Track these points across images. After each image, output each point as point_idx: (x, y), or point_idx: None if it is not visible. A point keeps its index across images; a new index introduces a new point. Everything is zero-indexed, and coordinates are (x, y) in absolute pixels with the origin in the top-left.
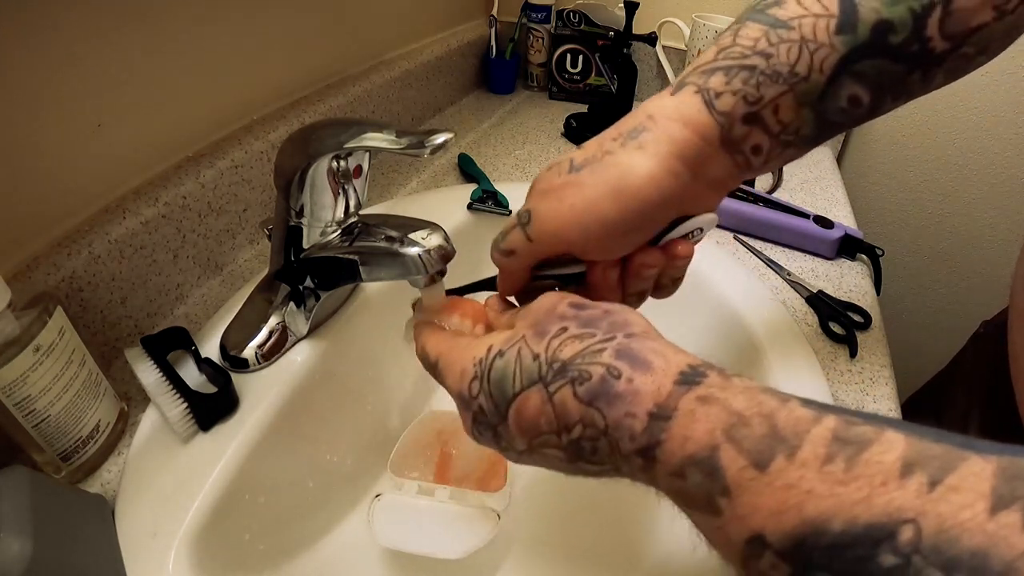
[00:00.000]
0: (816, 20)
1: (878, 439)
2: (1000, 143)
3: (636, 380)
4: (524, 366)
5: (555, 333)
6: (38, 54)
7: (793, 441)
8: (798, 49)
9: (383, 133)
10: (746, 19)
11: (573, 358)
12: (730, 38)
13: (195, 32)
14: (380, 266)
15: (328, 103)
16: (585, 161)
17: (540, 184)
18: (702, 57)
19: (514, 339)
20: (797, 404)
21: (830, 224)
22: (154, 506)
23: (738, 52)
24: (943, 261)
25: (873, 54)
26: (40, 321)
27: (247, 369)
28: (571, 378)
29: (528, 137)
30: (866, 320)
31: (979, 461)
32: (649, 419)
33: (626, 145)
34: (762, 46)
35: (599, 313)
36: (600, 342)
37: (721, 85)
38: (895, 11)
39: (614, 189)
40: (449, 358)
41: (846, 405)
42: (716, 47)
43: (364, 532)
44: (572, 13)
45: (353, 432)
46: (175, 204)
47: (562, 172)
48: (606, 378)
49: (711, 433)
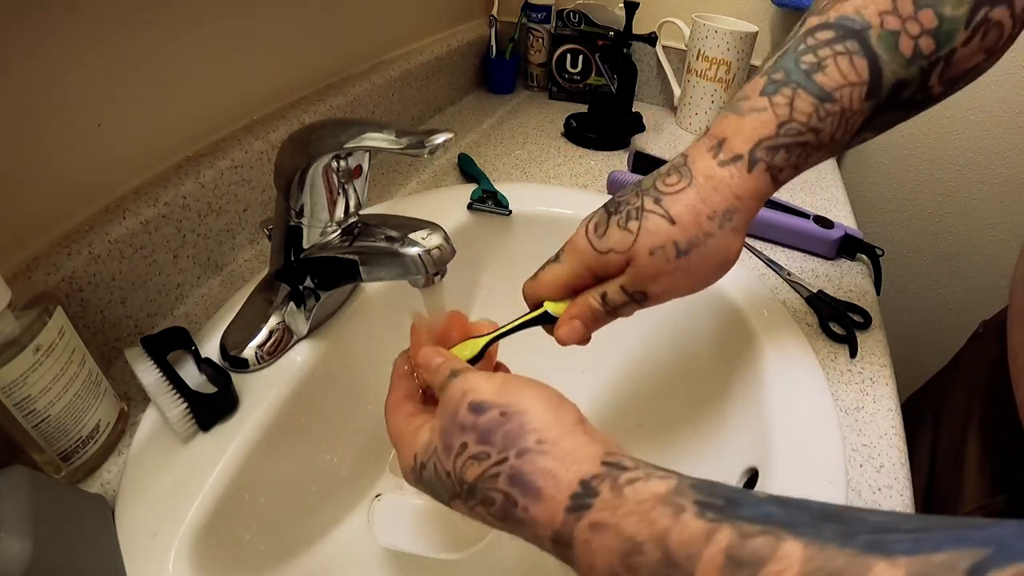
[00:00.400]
0: (852, 89)
1: (773, 556)
2: (1000, 143)
3: (531, 509)
4: (443, 482)
5: (457, 451)
6: (38, 54)
7: (687, 567)
8: (839, 120)
9: (383, 133)
10: (793, 81)
11: (476, 482)
12: (786, 109)
13: (195, 32)
14: (380, 266)
15: (328, 103)
16: (691, 243)
17: (646, 270)
18: (763, 119)
19: (429, 450)
20: (691, 516)
21: (830, 224)
22: (154, 506)
23: (795, 130)
24: (943, 261)
25: (889, 109)
26: (40, 321)
27: (247, 369)
28: (480, 500)
29: (528, 137)
30: (866, 320)
31: (886, 570)
32: (553, 544)
33: (723, 228)
34: (813, 123)
35: (496, 419)
36: (494, 465)
37: (783, 162)
38: (910, 71)
39: (720, 267)
40: (396, 445)
41: (846, 405)
42: (775, 116)
43: (364, 532)
44: (572, 13)
45: (353, 432)
46: (175, 204)
47: (670, 258)
48: (507, 505)
49: (610, 563)
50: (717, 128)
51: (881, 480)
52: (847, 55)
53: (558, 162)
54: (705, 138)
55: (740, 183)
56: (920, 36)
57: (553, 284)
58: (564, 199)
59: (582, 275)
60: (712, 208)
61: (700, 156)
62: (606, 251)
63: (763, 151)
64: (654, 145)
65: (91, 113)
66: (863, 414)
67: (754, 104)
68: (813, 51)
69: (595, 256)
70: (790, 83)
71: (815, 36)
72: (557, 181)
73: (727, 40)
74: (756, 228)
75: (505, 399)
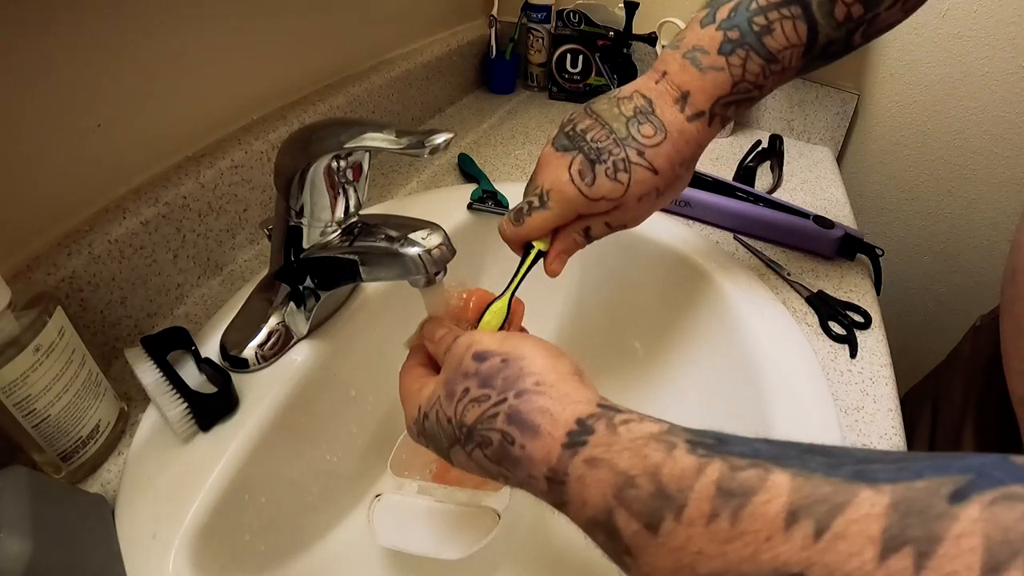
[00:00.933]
0: (793, 51)
1: (762, 486)
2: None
3: (528, 446)
4: (444, 429)
5: (459, 396)
6: (38, 54)
7: (679, 499)
8: (779, 78)
9: (383, 133)
10: (746, 44)
11: (475, 424)
12: (740, 70)
13: (195, 32)
14: (380, 266)
15: (328, 103)
16: (668, 186)
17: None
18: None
19: (433, 399)
20: (683, 452)
21: (830, 224)
22: (154, 506)
23: (745, 88)
24: (943, 261)
25: (817, 60)
26: (40, 321)
27: (247, 369)
28: (477, 442)
29: (528, 137)
30: (866, 320)
31: (871, 496)
32: (548, 483)
33: (689, 170)
34: (759, 81)
35: (496, 365)
36: (494, 405)
37: (732, 115)
38: (838, 33)
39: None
40: (404, 402)
41: (846, 405)
42: (730, 77)
43: (364, 532)
44: (572, 13)
45: (353, 432)
46: (175, 204)
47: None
48: (503, 444)
49: (604, 497)
50: (679, 78)
51: None
52: (791, 19)
53: None
54: (667, 84)
55: (703, 135)
56: (853, 4)
57: (543, 228)
58: None
59: (569, 218)
60: (683, 157)
61: (667, 106)
62: (597, 199)
63: (720, 107)
64: None
65: (91, 113)
66: (863, 414)
67: (713, 62)
68: (763, 13)
69: (586, 203)
70: (744, 44)
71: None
72: None
73: None
74: (756, 228)
75: (507, 348)
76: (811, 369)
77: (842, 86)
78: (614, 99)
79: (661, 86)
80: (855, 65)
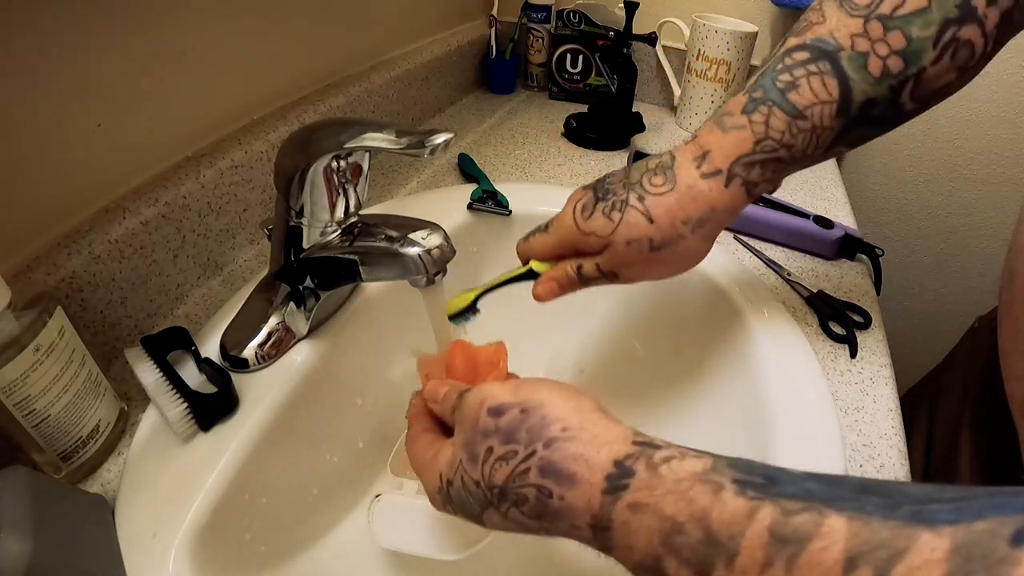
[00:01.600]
0: (823, 107)
1: (817, 532)
2: (1000, 143)
3: (567, 496)
4: (473, 494)
5: (483, 456)
6: (38, 54)
7: (730, 546)
8: (810, 136)
9: (383, 133)
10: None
11: (506, 483)
12: (762, 127)
13: (195, 32)
14: (380, 266)
15: (328, 103)
16: (664, 242)
17: (621, 257)
18: (742, 137)
19: (454, 465)
20: (731, 494)
21: (830, 224)
22: (154, 506)
23: (770, 146)
24: (943, 261)
25: (859, 125)
26: (40, 321)
27: (247, 369)
28: (512, 501)
29: (528, 137)
30: (866, 320)
31: (931, 540)
32: (592, 530)
33: (695, 233)
34: (786, 139)
35: (516, 418)
36: (523, 461)
37: (758, 177)
38: (878, 89)
39: (685, 266)
40: (420, 473)
41: (846, 405)
42: (752, 134)
43: (364, 532)
44: (572, 13)
45: (353, 432)
46: (175, 204)
47: (643, 250)
48: (540, 498)
49: (651, 543)
50: (704, 138)
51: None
52: (819, 75)
53: (558, 162)
54: (693, 145)
55: (717, 196)
56: (888, 56)
57: (540, 249)
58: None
59: (564, 248)
60: (687, 215)
61: (685, 163)
62: (588, 233)
63: (740, 167)
64: (654, 145)
65: (91, 113)
66: (863, 414)
67: (736, 122)
68: (789, 71)
69: (578, 235)
70: (767, 101)
71: (792, 56)
72: (557, 181)
73: (727, 40)
74: (756, 228)
75: (521, 396)
76: (811, 369)
77: None
78: (651, 157)
79: (688, 146)
80: None
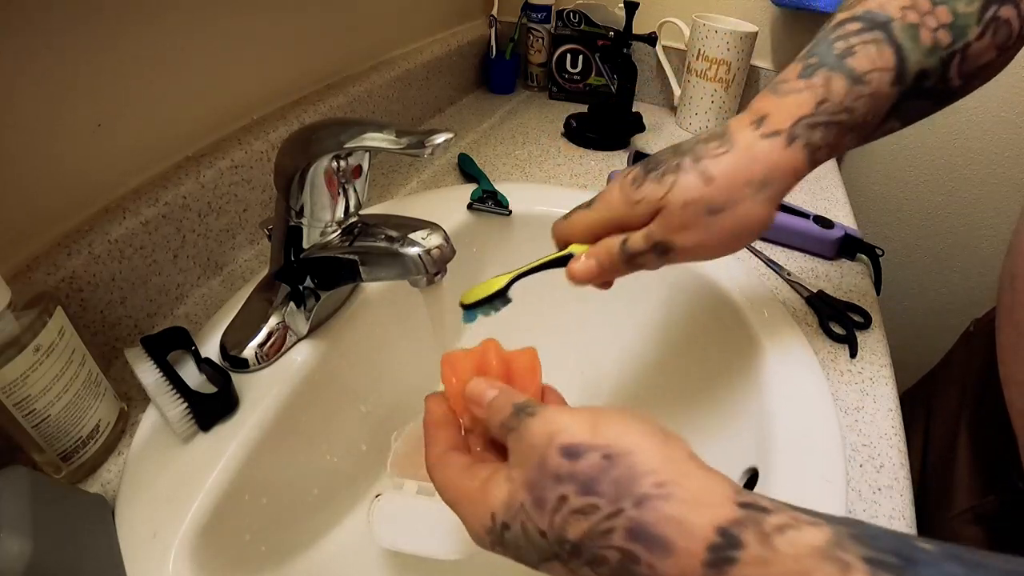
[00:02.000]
0: (881, 74)
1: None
2: (1000, 143)
3: (658, 567)
4: (535, 543)
5: (554, 506)
6: (38, 54)
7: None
8: (869, 103)
9: (383, 133)
10: (826, 65)
11: (582, 540)
12: (823, 90)
13: (195, 32)
14: (380, 266)
15: (328, 103)
16: (725, 204)
17: (675, 220)
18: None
19: (514, 507)
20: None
21: (830, 224)
22: (154, 506)
23: (831, 109)
24: (943, 261)
25: (913, 97)
26: (40, 321)
27: (247, 369)
28: (587, 560)
29: (528, 137)
30: (866, 320)
31: None
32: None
33: (757, 196)
34: (848, 103)
35: (598, 465)
36: (607, 519)
37: (820, 141)
38: (930, 61)
39: (746, 234)
40: (456, 504)
41: (846, 405)
42: (813, 96)
43: (364, 532)
44: (572, 13)
45: (353, 432)
46: (175, 204)
47: (700, 213)
48: (625, 563)
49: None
50: (757, 105)
51: (881, 480)
52: (874, 43)
53: (558, 162)
54: (746, 114)
55: (779, 156)
56: (937, 29)
57: (580, 228)
58: (564, 199)
59: (608, 225)
60: (749, 175)
61: (741, 128)
62: (638, 200)
63: (802, 128)
64: (654, 145)
65: (91, 113)
66: (863, 414)
67: (793, 86)
68: (844, 39)
69: (625, 205)
70: (824, 66)
71: (844, 28)
72: (557, 181)
73: (727, 40)
74: None
75: (603, 438)
76: (811, 369)
77: None
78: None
79: (741, 116)
80: None
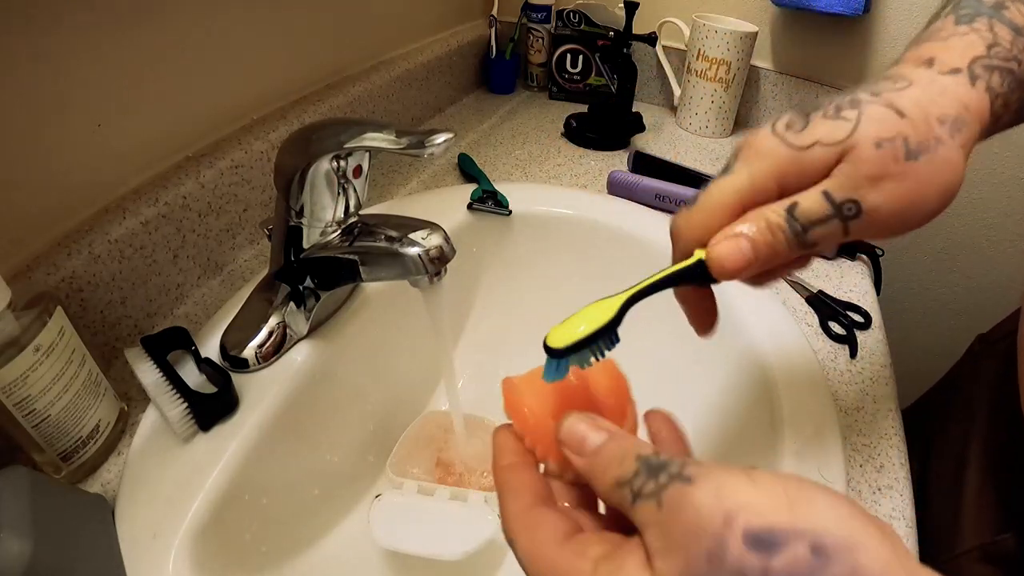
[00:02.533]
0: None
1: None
2: (1001, 143)
3: None
4: None
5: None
6: (38, 54)
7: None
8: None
9: (383, 133)
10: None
11: None
12: (989, 34)
13: (195, 32)
14: (380, 266)
15: (328, 103)
16: (924, 145)
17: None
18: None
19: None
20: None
21: None
22: (154, 506)
23: (1003, 54)
24: (943, 262)
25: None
26: (40, 321)
27: (247, 369)
28: None
29: (528, 137)
30: (866, 320)
31: None
32: None
33: (954, 138)
34: (1016, 53)
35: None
36: None
37: (999, 87)
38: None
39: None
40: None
41: (846, 405)
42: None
43: (364, 532)
44: (572, 13)
45: (353, 432)
46: (175, 204)
47: (899, 157)
48: None
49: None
50: (917, 52)
51: (881, 480)
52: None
53: (558, 162)
54: (906, 62)
55: (966, 93)
56: None
57: (722, 206)
58: (564, 199)
59: (766, 187)
60: (942, 110)
61: (911, 69)
62: (809, 144)
63: (980, 68)
64: (654, 145)
65: (91, 113)
66: (863, 414)
67: (953, 31)
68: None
69: (791, 155)
70: (982, 15)
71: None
72: (557, 181)
73: (727, 40)
74: None
75: (806, 522)
76: (811, 369)
77: (842, 86)
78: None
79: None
80: (855, 65)
